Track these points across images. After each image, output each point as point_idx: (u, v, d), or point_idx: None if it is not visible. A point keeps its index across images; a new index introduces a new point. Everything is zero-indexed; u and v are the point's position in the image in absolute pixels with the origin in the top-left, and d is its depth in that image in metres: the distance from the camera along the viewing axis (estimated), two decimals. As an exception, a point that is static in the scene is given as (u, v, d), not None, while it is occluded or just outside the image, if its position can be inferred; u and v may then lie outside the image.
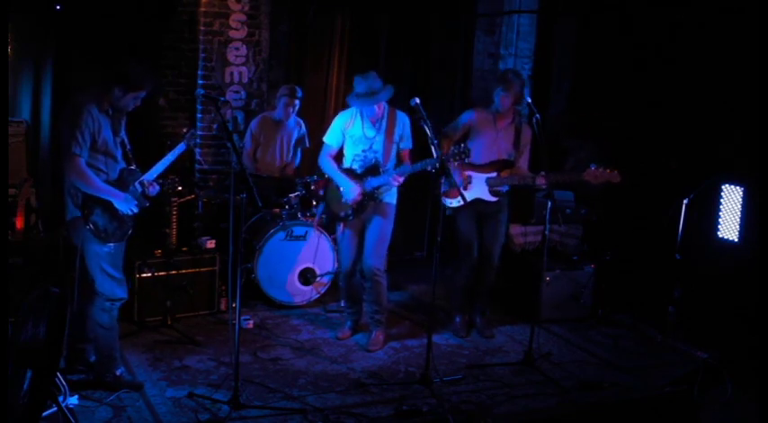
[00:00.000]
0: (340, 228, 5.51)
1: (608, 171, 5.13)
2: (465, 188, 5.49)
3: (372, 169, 5.29)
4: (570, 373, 5.24)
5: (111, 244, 4.42)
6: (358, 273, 5.52)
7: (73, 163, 4.26)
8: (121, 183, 4.48)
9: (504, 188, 5.61)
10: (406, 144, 5.37)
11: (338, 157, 5.48)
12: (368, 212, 5.36)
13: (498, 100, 5.47)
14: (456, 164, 5.19)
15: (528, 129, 5.56)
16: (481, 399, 4.80)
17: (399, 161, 5.37)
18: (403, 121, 5.35)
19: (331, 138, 5.42)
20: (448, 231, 5.47)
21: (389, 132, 5.30)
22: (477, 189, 5.53)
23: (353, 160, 5.38)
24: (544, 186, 5.33)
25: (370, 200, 5.32)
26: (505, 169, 5.53)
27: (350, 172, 5.35)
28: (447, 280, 5.94)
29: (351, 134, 5.35)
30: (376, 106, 5.23)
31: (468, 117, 5.60)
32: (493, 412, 4.63)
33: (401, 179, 5.21)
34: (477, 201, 5.50)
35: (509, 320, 6.13)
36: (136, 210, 4.49)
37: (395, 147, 5.34)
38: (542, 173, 5.27)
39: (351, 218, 5.37)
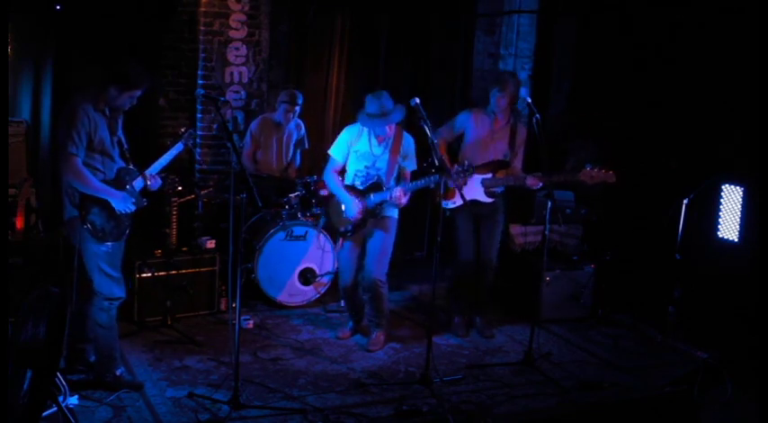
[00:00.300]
0: (340, 241, 5.49)
1: (603, 171, 5.14)
2: (460, 189, 5.47)
3: (374, 186, 5.26)
4: (570, 373, 5.24)
5: (109, 243, 4.42)
6: (360, 287, 5.49)
7: (69, 163, 4.27)
8: (119, 182, 4.47)
9: (500, 189, 5.61)
10: (409, 164, 5.32)
11: (340, 172, 5.44)
12: (368, 227, 5.34)
13: (494, 100, 5.47)
14: (461, 181, 5.15)
15: (523, 129, 5.56)
16: (481, 399, 4.80)
17: (399, 180, 5.34)
18: (408, 141, 5.32)
19: (337, 151, 5.36)
20: (448, 231, 5.47)
21: (394, 151, 5.26)
22: (473, 190, 5.52)
23: (355, 176, 5.34)
24: (535, 187, 5.34)
25: (370, 216, 5.30)
26: (501, 170, 5.53)
27: (352, 189, 5.32)
28: (447, 280, 5.94)
29: (356, 149, 5.30)
30: (387, 126, 5.20)
31: (463, 118, 5.60)
32: (493, 412, 4.63)
33: (405, 199, 5.17)
34: (474, 202, 5.49)
35: (509, 320, 6.13)
36: (133, 208, 4.49)
37: (397, 166, 5.30)
38: (538, 173, 5.28)
39: (350, 234, 5.35)
